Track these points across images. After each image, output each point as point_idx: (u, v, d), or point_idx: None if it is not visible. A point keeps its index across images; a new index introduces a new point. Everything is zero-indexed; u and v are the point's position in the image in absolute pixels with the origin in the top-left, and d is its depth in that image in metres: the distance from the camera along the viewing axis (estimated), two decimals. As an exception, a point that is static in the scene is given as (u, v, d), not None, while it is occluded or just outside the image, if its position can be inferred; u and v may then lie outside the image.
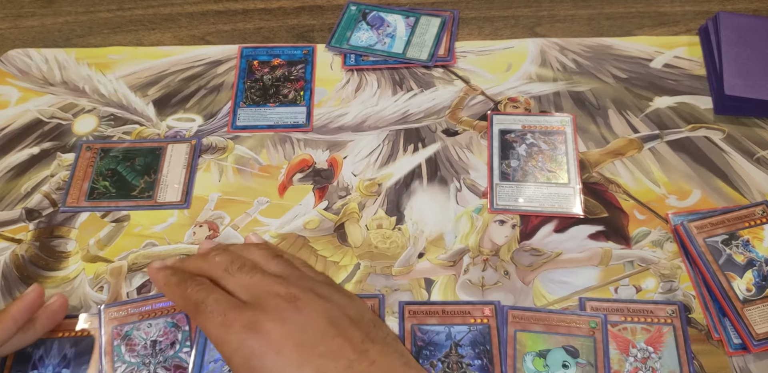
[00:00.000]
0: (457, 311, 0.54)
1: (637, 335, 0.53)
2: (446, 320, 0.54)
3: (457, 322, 0.54)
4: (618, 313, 0.54)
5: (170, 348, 0.53)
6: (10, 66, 0.74)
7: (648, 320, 0.54)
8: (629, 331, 0.53)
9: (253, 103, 0.70)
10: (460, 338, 0.53)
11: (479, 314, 0.54)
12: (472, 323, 0.53)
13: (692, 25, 0.74)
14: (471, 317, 0.54)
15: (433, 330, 0.53)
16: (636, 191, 0.62)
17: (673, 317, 0.54)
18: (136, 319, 0.55)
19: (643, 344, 0.53)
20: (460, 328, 0.53)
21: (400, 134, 0.67)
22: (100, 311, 0.55)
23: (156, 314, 0.55)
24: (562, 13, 0.77)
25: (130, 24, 0.78)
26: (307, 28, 0.77)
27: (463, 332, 0.53)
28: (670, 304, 0.55)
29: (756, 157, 0.64)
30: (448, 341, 0.53)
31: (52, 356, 0.54)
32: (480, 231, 0.60)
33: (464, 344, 0.52)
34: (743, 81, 0.64)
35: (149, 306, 0.55)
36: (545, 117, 0.67)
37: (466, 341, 0.53)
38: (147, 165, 0.65)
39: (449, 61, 0.72)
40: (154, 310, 0.55)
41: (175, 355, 0.53)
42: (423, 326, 0.54)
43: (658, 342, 0.53)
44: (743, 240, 0.56)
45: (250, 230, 0.61)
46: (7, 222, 0.63)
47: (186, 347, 0.53)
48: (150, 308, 0.55)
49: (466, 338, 0.53)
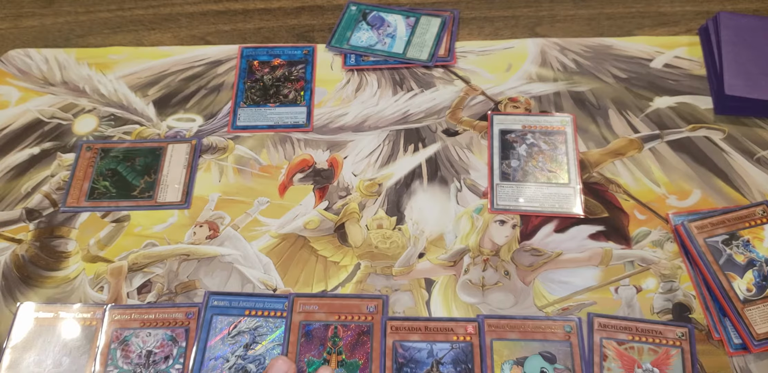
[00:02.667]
0: (440, 327, 0.54)
1: (644, 356, 0.52)
2: (429, 337, 0.53)
3: (440, 339, 0.53)
4: (626, 331, 0.53)
5: (163, 362, 0.53)
6: (10, 66, 0.74)
7: (656, 341, 0.53)
8: (636, 350, 0.52)
9: (254, 103, 0.70)
10: (441, 355, 0.52)
11: (462, 331, 0.53)
12: (454, 341, 0.53)
13: (692, 25, 0.74)
14: (454, 334, 0.53)
15: (415, 347, 0.53)
16: (636, 191, 0.62)
17: (683, 339, 0.53)
18: (137, 325, 0.55)
19: (649, 365, 0.52)
20: (443, 345, 0.53)
21: (401, 134, 0.67)
22: (105, 310, 0.55)
23: (158, 324, 0.55)
24: (562, 13, 0.77)
25: (130, 24, 0.78)
26: (307, 28, 0.77)
27: (445, 350, 0.53)
28: (680, 326, 0.53)
29: (756, 157, 0.64)
30: (429, 358, 0.52)
31: (53, 344, 0.54)
32: (480, 231, 0.60)
33: (446, 362, 0.52)
34: (743, 81, 0.64)
35: (153, 315, 0.55)
36: (545, 117, 0.67)
37: (447, 358, 0.52)
38: (147, 165, 0.65)
39: (449, 61, 0.72)
40: (157, 319, 0.55)
41: (167, 370, 0.53)
42: (405, 343, 0.53)
43: (664, 365, 0.52)
44: (743, 240, 0.56)
45: (251, 230, 0.61)
46: (8, 222, 0.63)
47: (179, 364, 0.53)
48: (153, 317, 0.55)
49: (448, 355, 0.52)
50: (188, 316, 0.55)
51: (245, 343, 0.54)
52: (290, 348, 0.53)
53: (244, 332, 0.55)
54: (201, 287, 0.58)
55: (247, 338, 0.54)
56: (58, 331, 0.55)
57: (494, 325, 0.54)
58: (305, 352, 0.53)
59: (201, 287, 0.58)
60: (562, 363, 0.52)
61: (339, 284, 0.58)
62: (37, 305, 0.57)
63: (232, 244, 0.61)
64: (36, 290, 0.58)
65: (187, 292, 0.58)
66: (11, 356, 0.54)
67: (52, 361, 0.53)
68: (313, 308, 0.55)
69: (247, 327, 0.55)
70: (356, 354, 0.53)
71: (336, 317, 0.55)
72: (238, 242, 0.61)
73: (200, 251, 0.60)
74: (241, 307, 0.56)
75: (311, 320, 0.55)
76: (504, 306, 0.56)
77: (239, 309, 0.56)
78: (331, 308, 0.55)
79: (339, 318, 0.55)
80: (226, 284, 0.58)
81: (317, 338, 0.54)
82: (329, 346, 0.54)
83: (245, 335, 0.54)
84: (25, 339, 0.54)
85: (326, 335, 0.54)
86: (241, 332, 0.54)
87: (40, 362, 0.53)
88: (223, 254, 0.60)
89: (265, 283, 0.58)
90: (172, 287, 0.58)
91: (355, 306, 0.55)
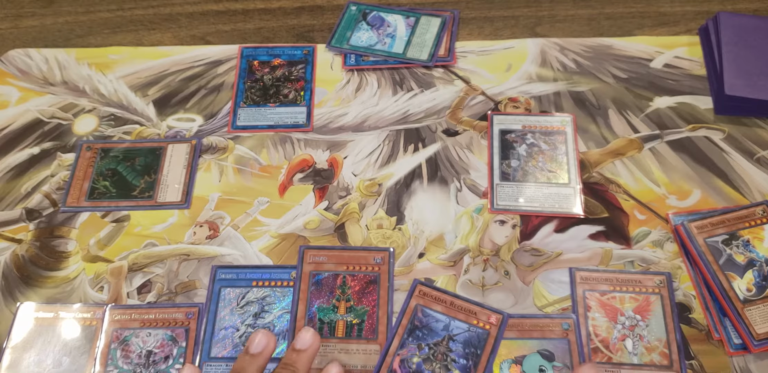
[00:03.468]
0: (465, 308, 0.54)
1: (626, 304, 0.55)
2: (450, 312, 0.54)
3: (461, 318, 0.54)
4: (607, 282, 0.56)
5: (163, 362, 0.53)
6: (10, 66, 0.74)
7: (636, 290, 0.55)
8: (618, 300, 0.55)
9: (254, 103, 0.70)
10: (456, 333, 0.53)
11: (484, 318, 0.54)
12: (473, 324, 0.53)
13: (692, 25, 0.74)
14: (476, 318, 0.54)
15: (434, 316, 0.54)
16: (636, 191, 0.62)
17: (661, 287, 0.55)
18: (137, 325, 0.55)
19: (631, 312, 0.54)
20: (461, 324, 0.53)
21: (401, 134, 0.67)
22: (105, 310, 0.55)
23: (158, 324, 0.55)
24: (562, 13, 0.77)
25: (130, 24, 0.78)
26: (307, 28, 0.77)
27: (462, 329, 0.53)
28: (658, 274, 0.56)
29: (756, 157, 0.64)
30: (444, 331, 0.53)
31: (53, 343, 0.54)
32: (480, 231, 0.60)
33: (457, 340, 0.53)
34: (743, 81, 0.64)
35: (153, 315, 0.56)
36: (545, 117, 0.67)
37: (461, 338, 0.53)
38: (147, 165, 0.65)
39: (449, 61, 0.72)
40: (157, 319, 0.55)
41: (167, 370, 0.53)
42: (426, 309, 0.54)
43: (645, 311, 0.54)
44: (743, 240, 0.57)
45: (251, 229, 0.61)
46: (8, 222, 0.63)
47: (179, 364, 0.53)
48: (153, 317, 0.55)
49: (462, 335, 0.53)
50: (188, 316, 0.55)
51: (254, 312, 0.55)
52: (301, 295, 0.56)
53: (253, 302, 0.56)
54: (201, 287, 0.58)
55: (255, 308, 0.55)
56: (58, 331, 0.55)
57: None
58: (315, 299, 0.55)
59: (201, 287, 0.58)
60: (561, 361, 0.52)
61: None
62: (37, 304, 0.57)
63: (232, 244, 0.61)
64: (36, 290, 0.58)
65: (187, 292, 0.58)
66: (11, 356, 0.54)
67: (52, 361, 0.53)
68: (323, 259, 0.57)
69: (255, 297, 0.56)
70: (364, 301, 0.55)
71: (344, 267, 0.57)
72: (238, 241, 0.61)
73: (200, 251, 0.60)
74: (248, 279, 0.57)
75: (321, 270, 0.57)
76: (504, 306, 0.56)
77: (246, 281, 0.57)
78: (340, 259, 0.57)
79: (347, 268, 0.57)
80: (226, 283, 0.58)
81: (326, 287, 0.56)
82: (338, 293, 0.56)
83: (254, 305, 0.56)
84: (25, 339, 0.54)
85: (335, 284, 0.56)
86: (250, 302, 0.56)
87: (40, 362, 0.53)
88: (223, 254, 0.60)
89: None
90: (172, 287, 0.58)
91: (363, 257, 0.57)
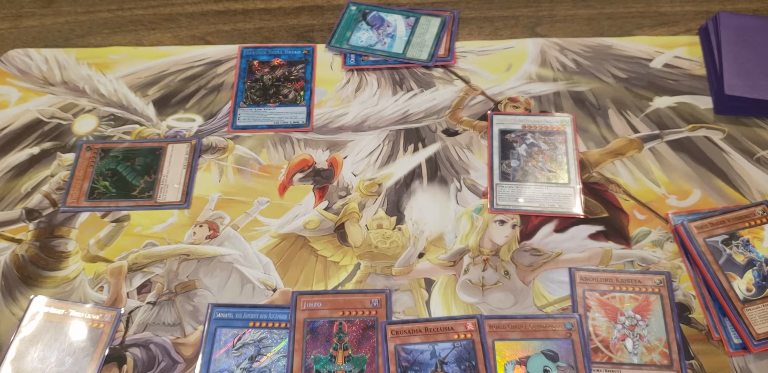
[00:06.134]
0: (440, 327, 0.54)
1: (626, 304, 0.55)
2: (430, 338, 0.53)
3: (441, 339, 0.53)
4: (607, 282, 0.56)
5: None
6: (10, 66, 0.74)
7: (636, 290, 0.55)
8: (618, 300, 0.55)
9: (253, 103, 0.70)
10: (444, 355, 0.52)
11: (462, 329, 0.53)
12: (455, 339, 0.53)
13: (692, 25, 0.74)
14: (454, 332, 0.53)
15: (417, 349, 0.53)
16: (636, 190, 0.62)
17: (661, 286, 0.55)
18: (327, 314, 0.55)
19: (631, 311, 0.54)
20: (445, 345, 0.53)
21: (400, 134, 0.67)
22: (118, 315, 0.56)
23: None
24: (562, 13, 0.77)
25: (130, 24, 0.78)
26: (307, 28, 0.77)
27: (448, 349, 0.53)
28: (657, 274, 0.56)
29: (756, 157, 0.64)
30: (433, 359, 0.52)
31: (59, 341, 0.54)
32: (480, 231, 0.60)
33: (449, 362, 0.52)
34: (743, 81, 0.64)
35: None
36: (545, 117, 0.67)
37: (451, 357, 0.52)
38: (147, 165, 0.65)
39: (449, 61, 0.72)
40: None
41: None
42: (407, 346, 0.53)
43: (645, 310, 0.54)
44: (743, 240, 0.56)
45: (250, 230, 0.61)
46: (7, 222, 0.63)
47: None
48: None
49: (450, 354, 0.52)
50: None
51: (250, 355, 0.54)
52: (296, 346, 0.54)
53: (249, 344, 0.54)
54: (201, 287, 0.58)
55: (252, 350, 0.54)
56: (66, 329, 0.55)
57: (495, 325, 0.54)
58: (311, 349, 0.53)
59: (201, 287, 0.58)
60: (565, 361, 0.52)
61: (339, 283, 0.58)
62: (49, 300, 0.57)
63: (232, 244, 0.61)
64: (36, 290, 0.58)
65: (187, 292, 0.58)
66: (18, 348, 0.54)
67: (56, 359, 0.53)
68: (317, 305, 0.56)
69: (251, 339, 0.54)
70: (362, 349, 0.53)
71: (340, 313, 0.55)
72: (238, 241, 0.61)
73: (200, 250, 0.60)
74: (245, 318, 0.55)
75: (315, 317, 0.55)
76: (504, 306, 0.56)
77: (243, 321, 0.55)
78: (335, 305, 0.56)
79: (343, 314, 0.55)
80: (226, 284, 0.58)
81: (322, 335, 0.54)
82: (335, 342, 0.54)
83: (250, 347, 0.54)
84: (33, 333, 0.54)
85: (331, 331, 0.54)
86: (246, 344, 0.54)
87: (43, 359, 0.53)
88: (223, 253, 0.60)
89: (265, 283, 0.58)
90: (172, 287, 0.58)
91: (359, 301, 0.56)
